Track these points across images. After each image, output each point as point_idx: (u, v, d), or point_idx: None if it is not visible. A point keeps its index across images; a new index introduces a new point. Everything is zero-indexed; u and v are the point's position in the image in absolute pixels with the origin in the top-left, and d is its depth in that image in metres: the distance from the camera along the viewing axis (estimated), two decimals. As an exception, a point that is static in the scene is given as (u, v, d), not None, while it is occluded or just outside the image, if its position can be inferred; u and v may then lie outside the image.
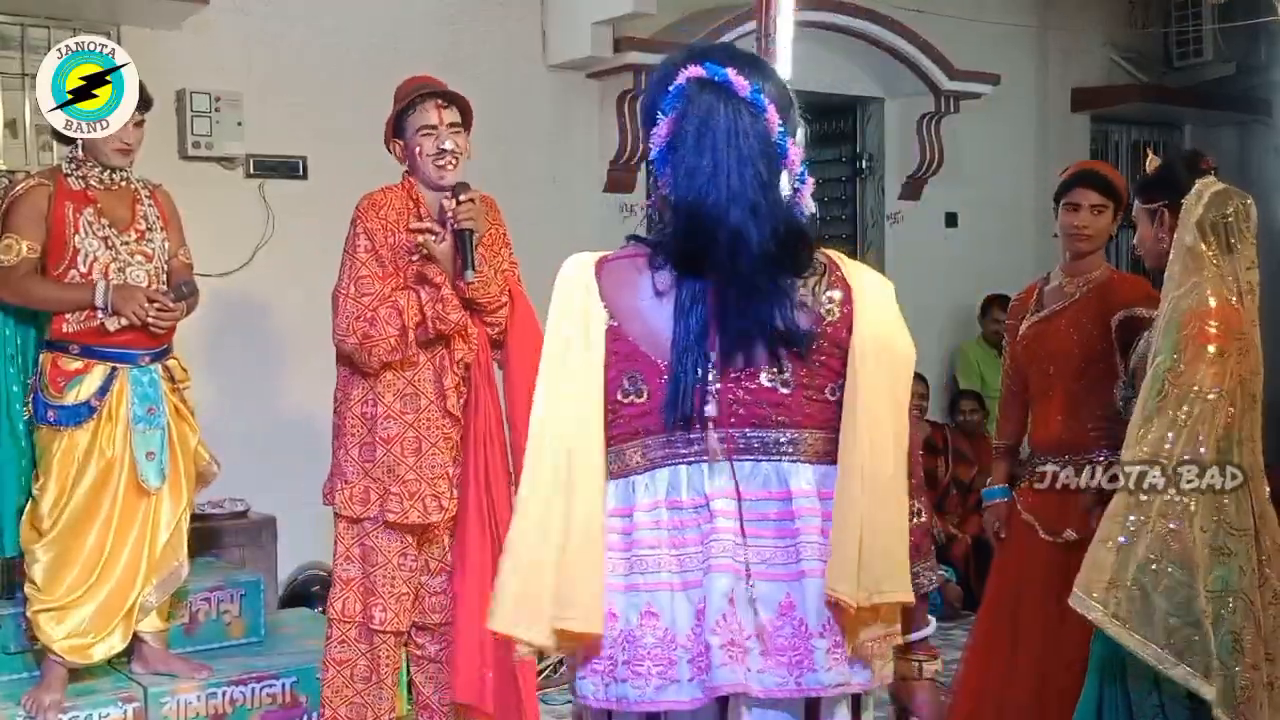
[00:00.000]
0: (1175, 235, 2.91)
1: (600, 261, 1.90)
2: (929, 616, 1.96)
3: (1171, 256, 2.91)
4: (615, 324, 1.85)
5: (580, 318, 1.85)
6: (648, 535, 1.82)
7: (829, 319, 1.84)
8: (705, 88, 1.84)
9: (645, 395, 1.84)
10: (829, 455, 1.84)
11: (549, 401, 1.85)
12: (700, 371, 1.81)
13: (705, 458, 1.83)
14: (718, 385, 1.82)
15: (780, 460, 1.83)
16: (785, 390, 1.83)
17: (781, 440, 1.83)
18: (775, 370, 1.83)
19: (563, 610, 1.78)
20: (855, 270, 1.89)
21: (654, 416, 1.84)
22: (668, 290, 1.84)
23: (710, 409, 1.82)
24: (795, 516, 1.81)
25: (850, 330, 1.84)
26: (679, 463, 1.83)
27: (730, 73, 1.85)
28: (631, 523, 1.83)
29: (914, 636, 1.94)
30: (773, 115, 1.85)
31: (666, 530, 1.82)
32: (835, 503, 1.81)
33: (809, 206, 1.89)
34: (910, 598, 1.82)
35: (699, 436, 1.83)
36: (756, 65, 1.92)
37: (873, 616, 1.80)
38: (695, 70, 1.86)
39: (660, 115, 1.87)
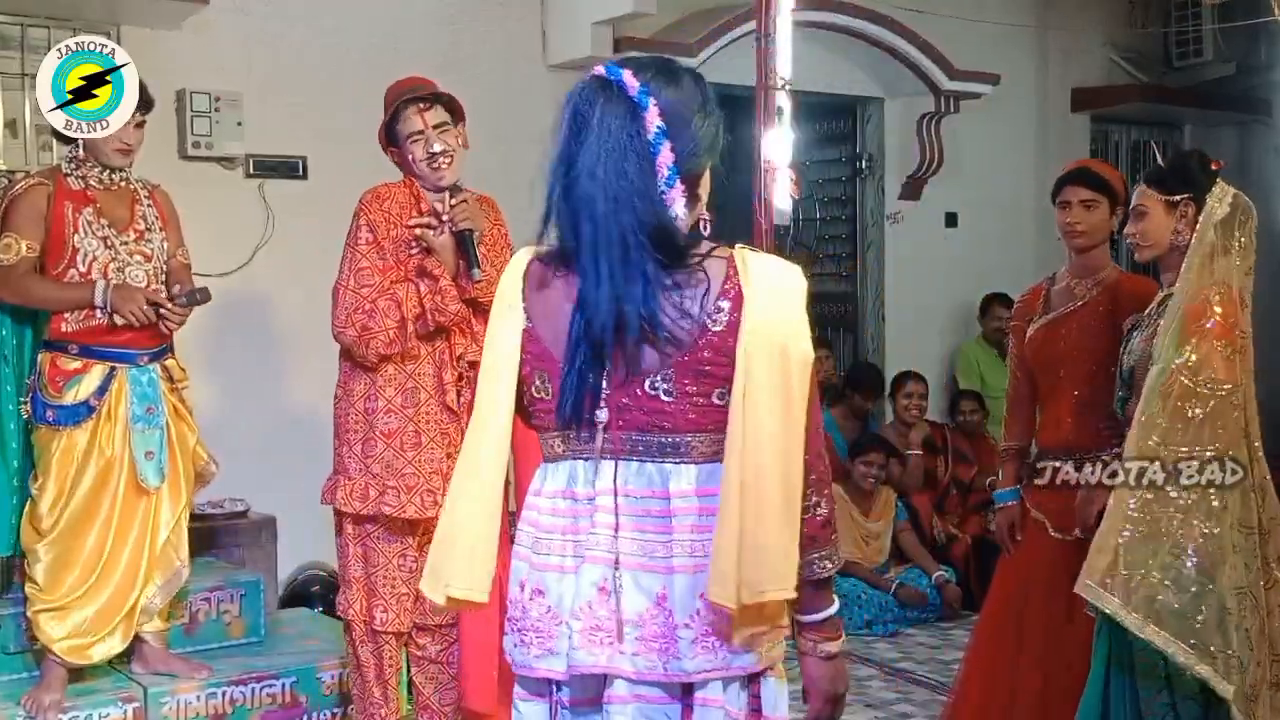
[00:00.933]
0: (1197, 232, 2.95)
1: (531, 260, 2.03)
2: (833, 598, 2.02)
3: (1191, 251, 2.95)
4: (530, 325, 1.99)
5: (507, 315, 2.01)
6: (546, 520, 1.99)
7: (714, 328, 1.90)
8: (595, 84, 1.93)
9: (550, 394, 1.97)
10: (715, 455, 1.93)
11: (479, 391, 2.02)
12: (591, 377, 1.92)
13: (597, 456, 1.95)
14: (608, 391, 1.92)
15: (663, 462, 1.94)
16: (668, 398, 1.92)
17: (664, 443, 1.93)
18: (659, 378, 1.91)
19: (451, 579, 1.97)
20: (757, 274, 1.92)
21: (555, 415, 1.97)
22: (573, 294, 1.93)
23: (601, 414, 1.93)
24: (671, 515, 1.92)
25: (736, 337, 1.89)
26: (576, 458, 1.97)
27: (626, 74, 1.92)
28: (538, 504, 2.00)
29: (813, 618, 2.00)
30: (652, 115, 1.90)
31: (564, 518, 1.97)
32: (719, 508, 1.89)
33: (678, 209, 1.92)
34: (792, 594, 1.89)
35: (594, 436, 1.95)
36: (668, 73, 1.96)
37: (757, 614, 1.89)
38: (599, 70, 1.94)
39: (563, 115, 1.96)
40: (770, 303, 1.90)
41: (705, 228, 2.01)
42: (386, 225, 3.47)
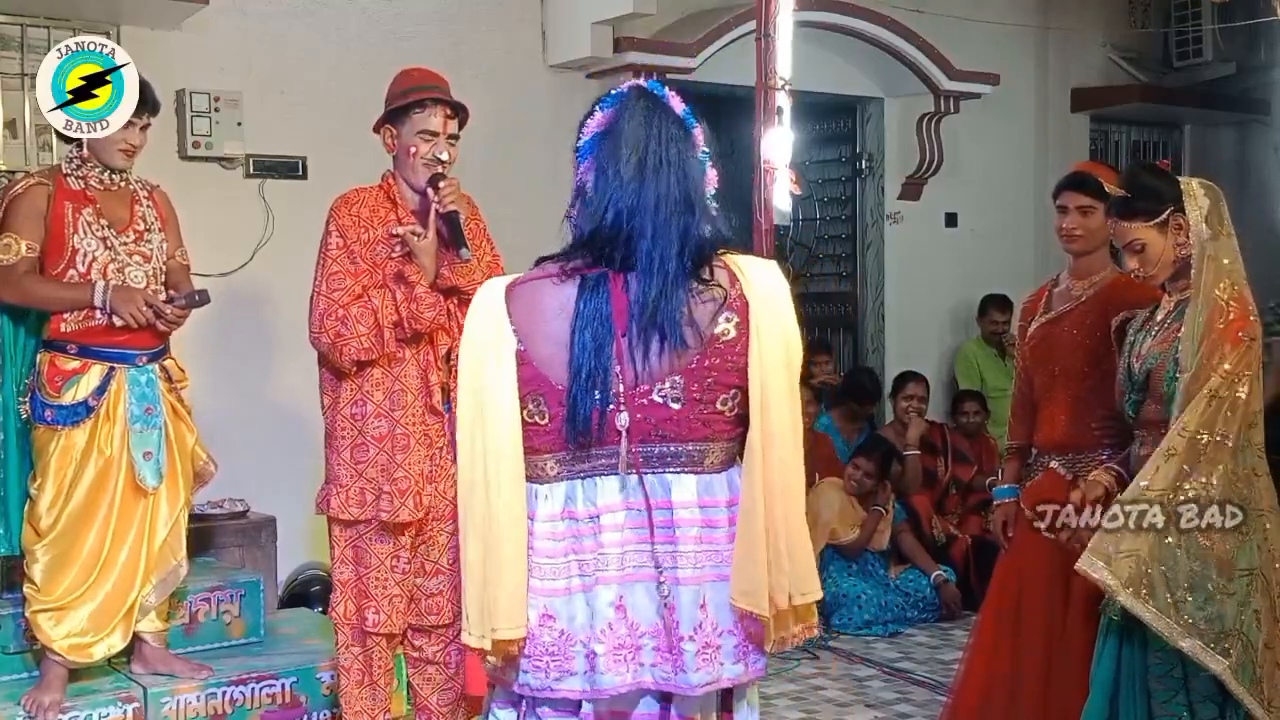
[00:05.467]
0: (1194, 234, 2.98)
1: (511, 285, 2.00)
2: None
3: (1195, 255, 2.96)
4: (522, 348, 1.96)
5: (493, 340, 1.97)
6: (545, 545, 1.97)
7: (724, 337, 1.94)
8: (644, 96, 1.99)
9: (546, 418, 1.95)
10: (715, 465, 1.96)
11: (469, 415, 1.95)
12: (600, 393, 1.91)
13: (597, 472, 1.94)
14: (623, 399, 1.93)
15: (664, 473, 1.94)
16: (676, 405, 1.94)
17: (667, 453, 1.94)
18: (667, 385, 1.93)
19: (493, 621, 1.91)
20: (753, 282, 1.97)
21: (553, 436, 1.95)
22: (570, 307, 1.93)
23: (623, 420, 1.93)
24: (675, 526, 1.93)
25: (745, 348, 1.93)
26: (574, 478, 1.96)
27: (669, 92, 2.01)
28: (533, 529, 1.95)
29: None
30: (699, 135, 2.00)
31: (565, 540, 1.95)
32: (740, 517, 1.92)
33: (720, 224, 2.03)
34: (820, 594, 1.96)
35: (597, 452, 1.94)
36: (691, 103, 2.06)
37: (791, 617, 1.93)
38: (638, 83, 2.03)
39: (597, 110, 2.01)
40: (772, 312, 1.95)
41: None
42: (356, 230, 3.47)
